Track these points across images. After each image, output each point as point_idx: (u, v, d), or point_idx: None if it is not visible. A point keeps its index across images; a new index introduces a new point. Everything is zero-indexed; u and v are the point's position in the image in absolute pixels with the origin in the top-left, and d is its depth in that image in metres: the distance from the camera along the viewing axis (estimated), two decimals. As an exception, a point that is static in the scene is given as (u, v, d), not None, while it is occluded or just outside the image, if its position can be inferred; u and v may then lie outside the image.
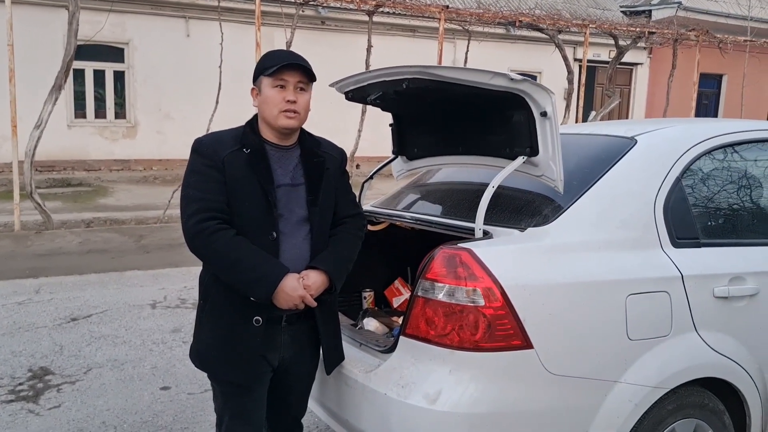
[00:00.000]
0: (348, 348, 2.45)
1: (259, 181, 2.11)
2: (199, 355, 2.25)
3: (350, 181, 2.43)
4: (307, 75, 2.14)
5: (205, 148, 2.13)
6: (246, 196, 2.10)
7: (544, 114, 2.27)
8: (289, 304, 2.09)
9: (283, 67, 2.09)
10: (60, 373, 4.07)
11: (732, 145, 2.67)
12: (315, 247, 2.20)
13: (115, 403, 3.68)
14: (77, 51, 8.80)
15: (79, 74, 13.44)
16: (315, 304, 2.15)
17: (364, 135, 11.69)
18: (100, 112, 14.05)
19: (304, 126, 2.25)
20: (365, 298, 3.18)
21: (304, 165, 2.22)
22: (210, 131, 2.21)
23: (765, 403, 2.47)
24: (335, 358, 2.35)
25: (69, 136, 13.46)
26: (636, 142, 2.49)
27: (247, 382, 2.19)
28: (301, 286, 2.10)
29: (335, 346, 2.35)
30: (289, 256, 2.14)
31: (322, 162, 2.25)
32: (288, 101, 2.11)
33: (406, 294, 3.16)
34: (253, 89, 2.20)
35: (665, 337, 2.22)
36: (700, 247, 2.40)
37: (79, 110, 13.82)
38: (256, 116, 2.23)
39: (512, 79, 2.21)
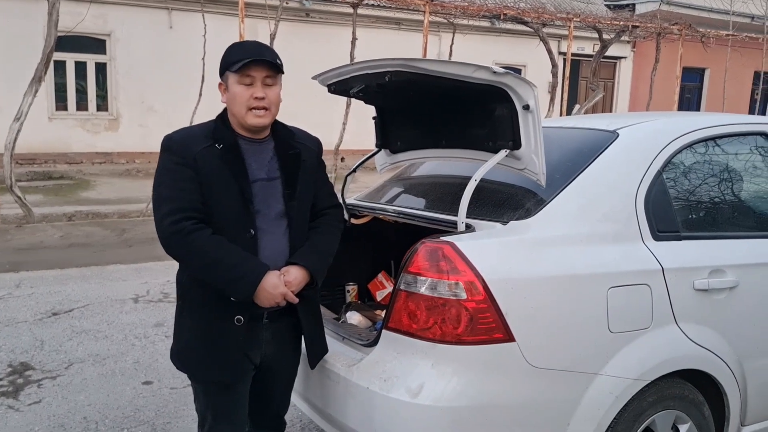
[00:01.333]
0: (331, 342, 2.45)
1: (234, 177, 2.05)
2: (180, 356, 2.21)
3: (335, 175, 2.41)
4: (275, 68, 2.07)
5: (175, 145, 2.06)
6: (221, 193, 2.04)
7: (526, 107, 2.27)
8: (271, 302, 2.06)
9: (248, 63, 2.02)
10: (41, 369, 4.03)
11: (712, 138, 2.70)
12: (294, 241, 2.16)
13: (96, 398, 3.65)
14: (58, 42, 8.68)
15: (60, 66, 13.28)
16: (297, 300, 2.12)
17: (349, 128, 11.64)
18: (81, 105, 13.88)
19: (279, 117, 2.20)
20: (349, 291, 3.18)
21: (279, 158, 2.16)
22: (192, 124, 2.15)
23: (744, 394, 2.51)
24: (318, 352, 2.32)
25: (50, 128, 13.30)
26: (618, 136, 2.50)
27: (230, 381, 2.16)
28: (282, 283, 2.06)
29: (318, 339, 2.32)
30: (268, 253, 2.10)
31: (298, 154, 2.20)
32: (256, 98, 2.05)
33: (390, 287, 3.16)
34: (220, 84, 2.14)
35: (646, 329, 2.24)
36: (680, 240, 2.42)
37: (60, 102, 13.66)
38: (226, 109, 2.17)
39: (495, 72, 2.21)
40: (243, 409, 2.25)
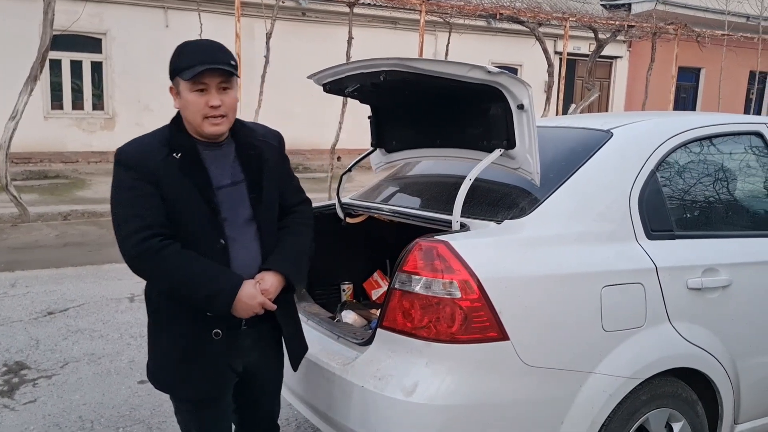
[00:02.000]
0: (325, 340, 2.45)
1: (197, 187, 1.93)
2: (157, 376, 2.11)
3: (332, 174, 2.36)
4: (229, 73, 1.93)
5: (131, 159, 1.93)
6: (186, 204, 1.93)
7: (521, 107, 2.28)
8: (249, 312, 1.98)
9: (200, 73, 1.88)
10: (36, 368, 4.02)
11: (706, 138, 2.71)
12: (266, 247, 2.07)
13: (91, 398, 3.65)
14: (53, 41, 8.67)
15: (56, 65, 13.24)
16: (275, 307, 2.04)
17: (345, 127, 11.64)
18: (77, 104, 13.85)
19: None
20: (344, 290, 3.19)
21: (241, 160, 2.05)
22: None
23: (737, 392, 2.52)
24: (299, 352, 2.26)
25: (45, 127, 13.25)
26: (612, 135, 2.51)
27: (213, 395, 2.09)
28: (258, 293, 1.98)
29: (297, 339, 2.25)
30: (240, 262, 2.01)
31: (260, 154, 2.08)
32: (212, 106, 1.91)
33: (385, 286, 3.17)
34: (171, 89, 2.00)
35: (639, 328, 2.25)
36: (674, 239, 2.43)
37: (56, 101, 13.61)
38: (180, 114, 2.02)
39: (489, 71, 2.22)
40: (227, 421, 2.22)
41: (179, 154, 1.94)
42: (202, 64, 1.87)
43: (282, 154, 2.21)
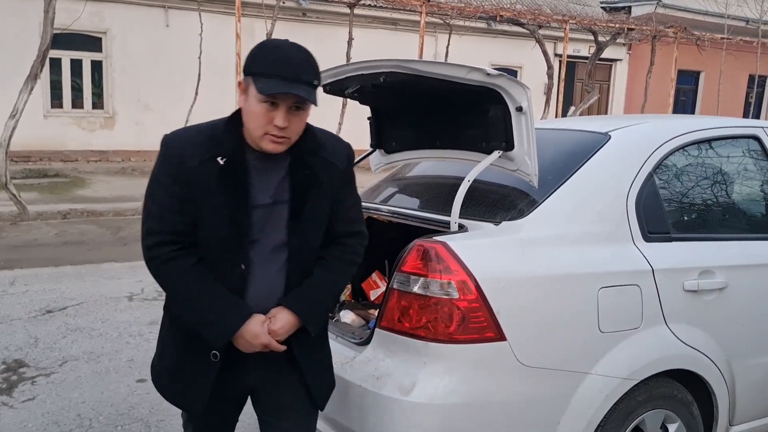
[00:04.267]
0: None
1: (230, 202, 1.73)
2: (153, 370, 2.02)
3: None
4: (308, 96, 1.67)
5: (172, 152, 1.76)
6: (213, 217, 1.74)
7: (519, 109, 2.30)
8: (250, 350, 1.79)
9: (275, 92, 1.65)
10: (35, 366, 4.03)
11: (703, 141, 2.72)
12: (291, 279, 1.82)
13: (90, 396, 3.66)
14: (54, 40, 8.67)
15: (56, 63, 13.26)
16: (282, 348, 1.81)
17: (345, 128, 11.65)
18: (77, 102, 13.87)
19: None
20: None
21: (292, 177, 1.80)
22: (188, 123, 2.00)
23: (732, 394, 2.54)
24: (320, 387, 1.97)
25: (45, 126, 13.27)
26: (610, 138, 2.53)
27: (192, 411, 1.93)
28: (265, 332, 1.76)
29: (318, 373, 1.96)
30: (257, 293, 1.79)
31: (316, 176, 1.81)
32: (276, 126, 1.68)
33: (383, 287, 3.17)
34: (240, 83, 1.75)
35: (636, 329, 2.26)
36: (670, 241, 2.45)
37: (56, 100, 13.64)
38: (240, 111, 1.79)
39: (488, 74, 2.23)
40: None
41: (224, 160, 1.73)
42: (281, 80, 1.64)
43: (346, 176, 1.91)
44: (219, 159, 1.73)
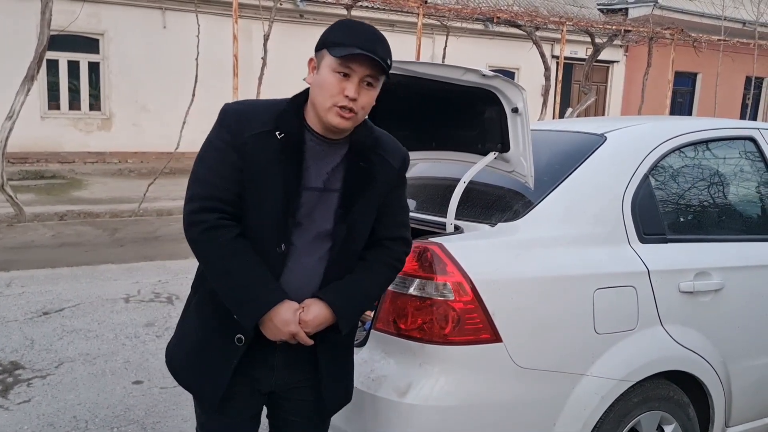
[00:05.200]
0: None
1: (283, 177, 1.69)
2: (170, 351, 1.92)
3: None
4: (381, 69, 1.68)
5: (230, 119, 1.72)
6: (263, 190, 1.69)
7: (515, 110, 2.30)
8: (277, 337, 1.72)
9: (353, 55, 1.64)
10: (30, 368, 4.02)
11: (699, 142, 2.73)
12: (331, 271, 1.77)
13: (86, 398, 3.65)
14: (51, 41, 8.66)
15: (53, 65, 13.25)
16: (310, 342, 1.74)
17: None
18: (74, 104, 13.86)
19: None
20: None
21: (347, 167, 1.76)
22: (186, 125, 1.96)
23: (728, 395, 2.54)
24: (334, 398, 1.91)
25: (42, 127, 13.26)
26: (605, 139, 2.53)
27: (209, 398, 1.82)
28: (295, 320, 1.69)
29: (334, 382, 1.89)
30: (294, 279, 1.74)
31: (371, 170, 1.78)
32: (347, 96, 1.66)
33: (380, 288, 3.17)
34: (311, 60, 1.74)
35: (631, 330, 2.26)
36: (666, 242, 2.45)
37: (53, 101, 13.63)
38: (307, 91, 1.77)
39: (484, 75, 2.24)
40: None
41: (282, 135, 1.71)
42: (360, 48, 1.63)
43: (399, 180, 1.89)
44: (277, 133, 1.70)
